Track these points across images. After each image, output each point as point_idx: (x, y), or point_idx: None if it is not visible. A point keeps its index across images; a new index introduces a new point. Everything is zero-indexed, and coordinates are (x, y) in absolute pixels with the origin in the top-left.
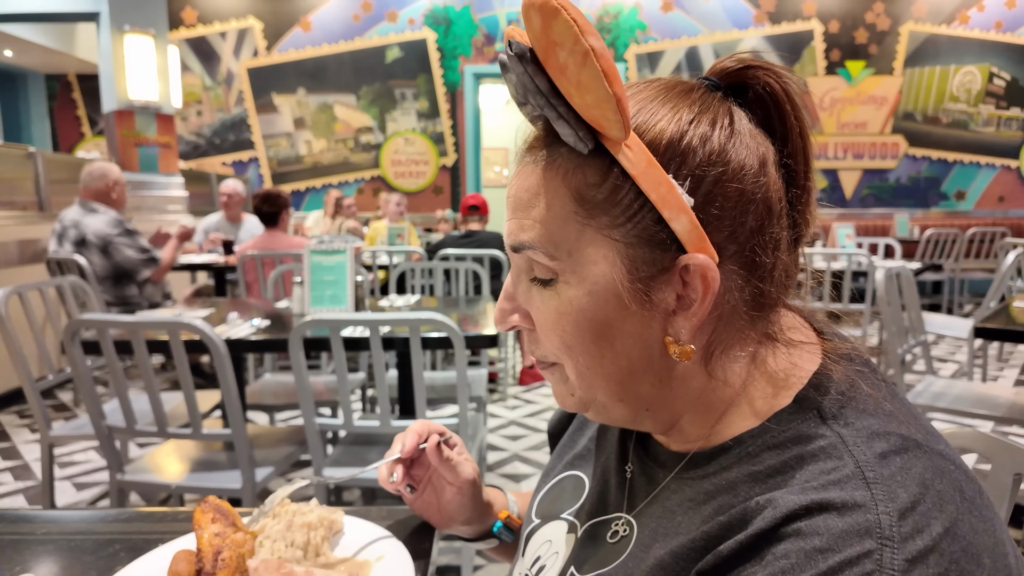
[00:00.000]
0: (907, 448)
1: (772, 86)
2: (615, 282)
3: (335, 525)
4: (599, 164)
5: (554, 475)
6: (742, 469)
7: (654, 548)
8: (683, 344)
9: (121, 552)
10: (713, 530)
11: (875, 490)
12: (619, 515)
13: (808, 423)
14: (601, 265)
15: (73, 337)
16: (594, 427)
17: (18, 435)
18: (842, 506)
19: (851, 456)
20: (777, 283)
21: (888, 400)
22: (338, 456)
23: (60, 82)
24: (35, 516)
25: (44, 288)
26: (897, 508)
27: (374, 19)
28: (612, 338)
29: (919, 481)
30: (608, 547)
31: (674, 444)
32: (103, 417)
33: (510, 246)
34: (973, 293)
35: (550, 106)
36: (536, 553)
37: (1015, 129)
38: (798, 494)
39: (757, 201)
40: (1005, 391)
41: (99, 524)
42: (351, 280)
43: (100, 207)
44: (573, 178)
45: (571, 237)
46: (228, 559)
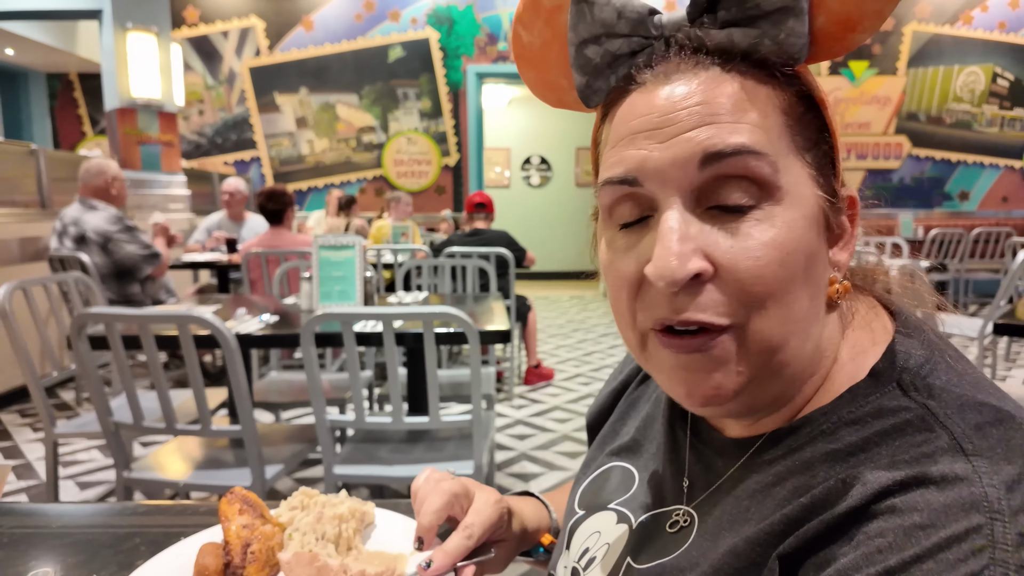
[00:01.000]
0: (1002, 420)
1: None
2: (818, 206)
3: (366, 517)
4: (794, 83)
5: (596, 466)
6: (816, 448)
7: (723, 536)
8: (843, 280)
9: (141, 546)
10: (794, 512)
11: (976, 462)
12: (678, 507)
13: (888, 396)
14: (809, 186)
15: (80, 331)
16: (639, 417)
17: (20, 434)
18: (941, 479)
19: (944, 428)
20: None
21: (969, 372)
22: (348, 453)
23: (61, 81)
24: (50, 510)
25: (48, 284)
26: (1003, 480)
27: (376, 18)
28: (812, 271)
29: (1022, 453)
30: (668, 536)
31: (736, 429)
32: (110, 413)
33: (707, 152)
34: (978, 293)
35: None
36: (584, 545)
37: (1019, 129)
38: (888, 469)
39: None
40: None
41: (116, 517)
42: (360, 275)
43: (100, 204)
44: (779, 92)
45: (783, 153)
46: (258, 552)
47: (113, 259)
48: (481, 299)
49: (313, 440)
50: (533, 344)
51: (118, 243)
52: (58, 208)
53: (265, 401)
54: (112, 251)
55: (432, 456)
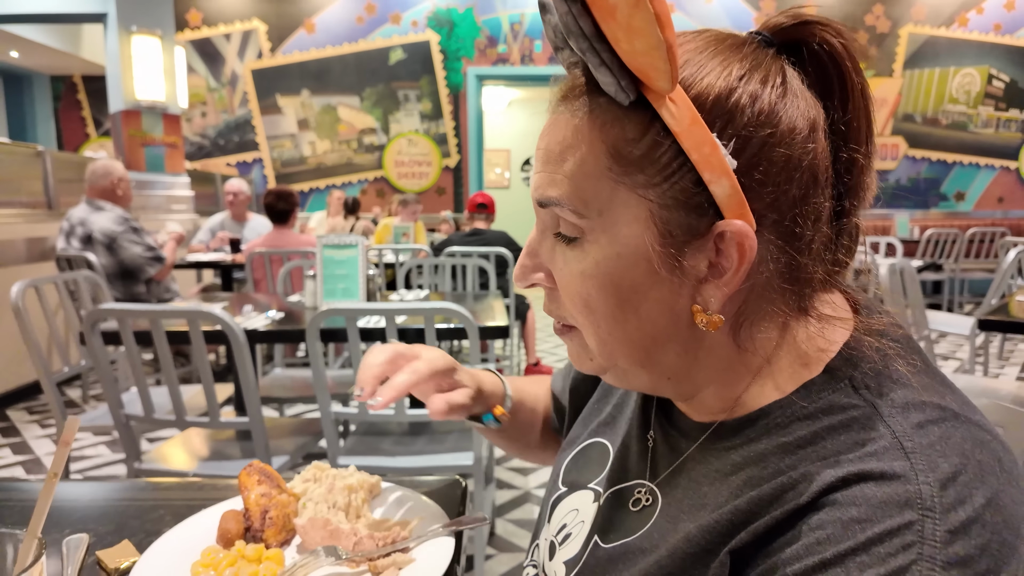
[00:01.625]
0: (945, 418)
1: (832, 43)
2: (646, 245)
3: (374, 489)
4: (639, 118)
5: (580, 442)
6: (771, 440)
7: (681, 520)
8: (711, 314)
9: (166, 516)
10: (744, 505)
11: (914, 460)
12: (641, 482)
13: (840, 393)
14: (633, 226)
15: (94, 326)
16: (617, 394)
17: (28, 430)
18: (880, 476)
19: (887, 426)
20: (815, 256)
21: (922, 372)
22: (352, 446)
23: (65, 83)
24: (78, 487)
25: (59, 282)
26: (938, 478)
27: (378, 21)
28: (638, 304)
29: (959, 451)
30: (632, 515)
31: (696, 414)
32: (121, 406)
33: (537, 200)
34: (973, 293)
35: (593, 51)
36: (562, 521)
37: (1014, 130)
38: (833, 467)
39: (803, 168)
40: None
41: (141, 492)
42: (363, 273)
43: (106, 205)
44: (610, 131)
45: (603, 195)
46: (275, 518)
47: (118, 259)
48: (481, 297)
49: (317, 433)
50: (532, 342)
51: (123, 244)
52: (64, 209)
53: (269, 396)
54: (117, 251)
55: (433, 448)
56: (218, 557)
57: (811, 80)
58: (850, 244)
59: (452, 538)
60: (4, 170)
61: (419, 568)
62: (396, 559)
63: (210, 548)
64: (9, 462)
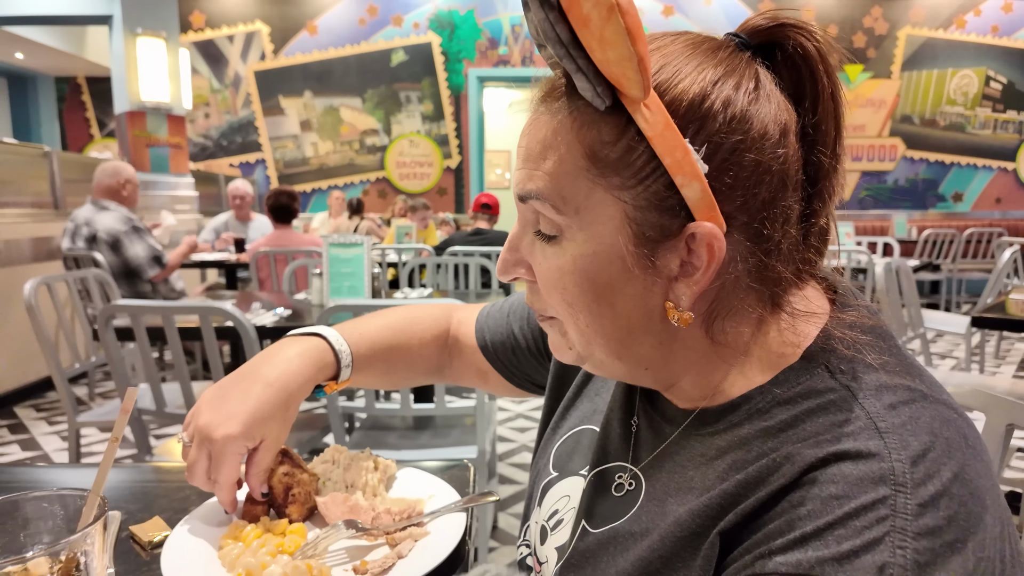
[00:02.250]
0: (914, 399)
1: (805, 46)
2: (620, 245)
3: (389, 469)
4: (615, 122)
5: (570, 428)
6: (753, 425)
7: (669, 504)
8: (682, 310)
9: (192, 496)
10: (731, 488)
11: (888, 439)
12: (623, 465)
13: (817, 378)
14: (607, 225)
15: (107, 323)
16: (601, 379)
17: (36, 427)
18: (857, 455)
19: (861, 408)
20: (785, 257)
21: (893, 357)
22: (358, 440)
23: (69, 84)
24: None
25: (70, 280)
26: (909, 456)
27: (379, 23)
28: (613, 299)
29: (928, 430)
30: (615, 500)
31: (679, 401)
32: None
33: (518, 195)
34: (970, 293)
35: (569, 57)
36: (553, 507)
37: (1011, 131)
38: (814, 448)
39: (773, 172)
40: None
41: (167, 475)
42: (368, 272)
43: (111, 205)
44: (587, 134)
45: (580, 194)
46: (298, 495)
47: (122, 259)
48: (483, 295)
49: (324, 427)
50: None
51: (126, 243)
52: (71, 209)
53: None
54: (120, 251)
55: (437, 442)
56: (245, 530)
57: (784, 83)
58: (819, 244)
59: (464, 514)
60: (11, 170)
61: (433, 541)
62: (412, 532)
63: (237, 522)
64: (18, 458)
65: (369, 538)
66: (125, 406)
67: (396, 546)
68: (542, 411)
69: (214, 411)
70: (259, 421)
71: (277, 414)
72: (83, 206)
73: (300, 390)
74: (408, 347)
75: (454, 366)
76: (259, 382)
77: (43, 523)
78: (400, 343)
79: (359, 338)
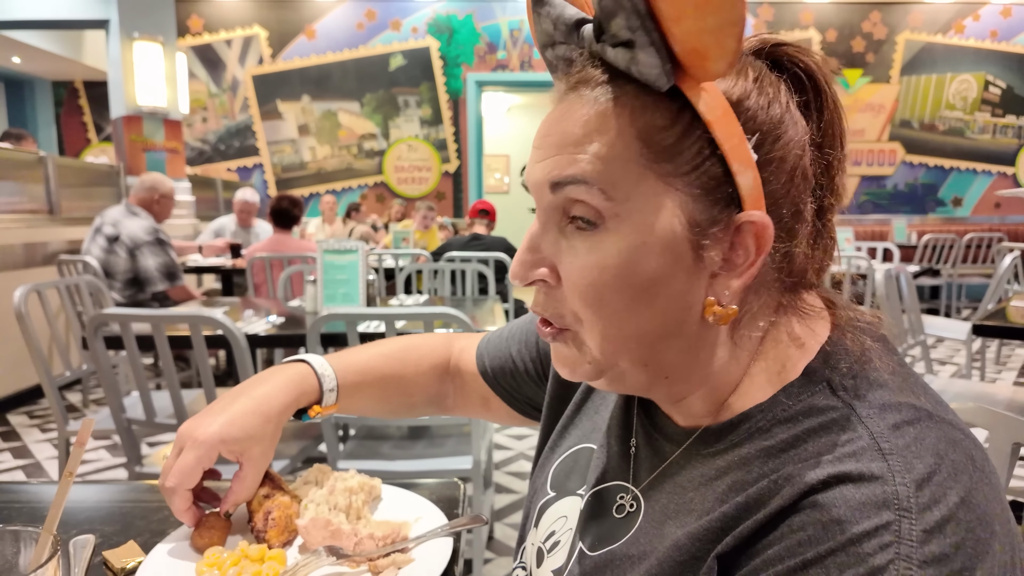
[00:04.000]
0: (919, 419)
1: (805, 61)
2: (672, 234)
3: (374, 490)
4: (668, 106)
5: (568, 446)
6: (754, 445)
7: (668, 526)
8: (726, 306)
9: (171, 517)
10: (731, 511)
11: (891, 461)
12: (624, 485)
13: (818, 395)
14: (658, 215)
15: (96, 331)
16: (597, 397)
17: (28, 435)
18: (859, 477)
19: (864, 428)
20: (803, 253)
21: (897, 372)
22: (352, 449)
23: (67, 89)
24: (84, 490)
25: (60, 287)
26: (914, 479)
27: (378, 28)
28: (653, 296)
29: (933, 451)
30: (615, 521)
31: (682, 419)
32: (123, 410)
33: (550, 182)
34: (970, 298)
35: (644, 30)
36: (551, 528)
37: (1011, 136)
38: (814, 468)
39: (798, 169)
40: (1004, 389)
41: (146, 494)
42: (363, 279)
43: (142, 212)
44: (640, 118)
45: (630, 180)
46: (278, 519)
47: (135, 266)
48: (480, 302)
49: (317, 437)
50: None
51: (145, 252)
52: (66, 214)
53: None
54: (137, 258)
55: (432, 452)
56: (222, 557)
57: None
58: (828, 244)
59: (451, 538)
60: (6, 175)
61: (418, 568)
62: (396, 559)
63: (214, 548)
64: (9, 466)
65: (351, 564)
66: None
67: (379, 573)
68: (540, 430)
69: (196, 418)
70: (237, 428)
71: (256, 431)
72: (116, 206)
73: (281, 412)
74: (403, 375)
75: (456, 395)
76: (241, 397)
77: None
78: (394, 371)
79: (347, 365)
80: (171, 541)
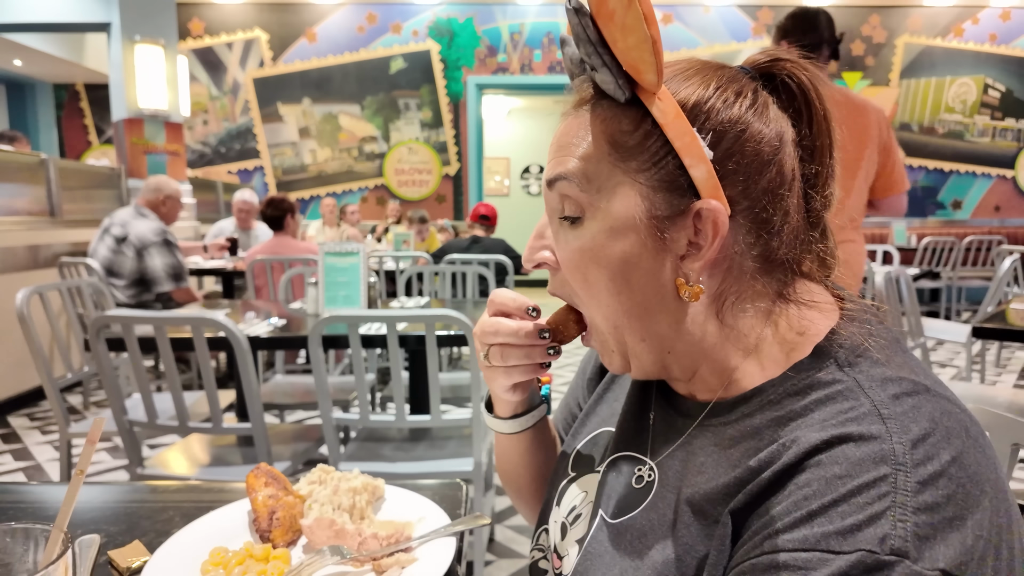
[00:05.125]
0: (917, 391)
1: (799, 76)
2: (635, 219)
3: (377, 491)
4: (634, 114)
5: (587, 432)
6: (765, 415)
7: (682, 490)
8: (692, 285)
9: (175, 517)
10: (743, 475)
11: (889, 424)
12: (640, 458)
13: (826, 371)
14: (625, 203)
15: (99, 333)
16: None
17: (29, 437)
18: (859, 437)
19: (867, 397)
20: (787, 244)
21: (899, 354)
22: (353, 451)
23: (68, 91)
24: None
25: (63, 289)
26: (909, 439)
27: (379, 31)
28: (629, 275)
29: (929, 418)
30: (633, 491)
31: (699, 392)
32: (125, 412)
33: (547, 180)
34: (970, 300)
35: (596, 53)
36: (572, 503)
37: (1010, 139)
38: (818, 431)
39: (772, 165)
40: (1004, 391)
41: (151, 495)
42: (364, 281)
43: (150, 214)
44: (610, 125)
45: (602, 175)
46: (282, 518)
47: (141, 266)
48: (481, 304)
49: (319, 439)
50: None
51: (152, 253)
52: (67, 216)
53: (270, 403)
54: (144, 258)
55: (433, 454)
56: (227, 556)
57: (784, 105)
58: (823, 240)
59: (454, 538)
60: (7, 177)
61: (421, 567)
62: (399, 559)
63: (219, 548)
64: (10, 468)
65: (355, 564)
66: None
67: (383, 573)
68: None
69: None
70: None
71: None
72: (125, 208)
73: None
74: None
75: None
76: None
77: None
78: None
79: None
80: (176, 541)
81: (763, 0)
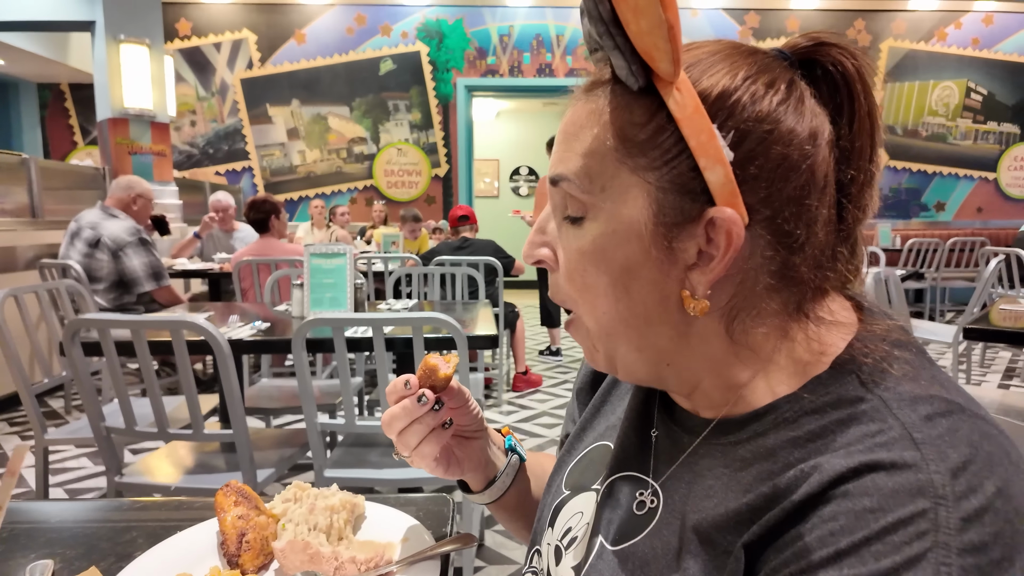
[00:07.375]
0: (951, 411)
1: (844, 64)
2: (640, 223)
3: (357, 508)
4: (647, 104)
5: (584, 447)
6: (780, 435)
7: (688, 515)
8: (698, 298)
9: (139, 539)
10: (757, 502)
11: (924, 450)
12: (642, 479)
13: (847, 387)
14: (630, 205)
15: (73, 337)
16: (617, 394)
17: (8, 442)
18: (891, 465)
19: (896, 419)
20: (810, 260)
21: (928, 369)
22: (339, 457)
23: (52, 91)
24: (46, 507)
25: (40, 292)
26: (948, 467)
27: (368, 32)
28: (629, 282)
29: (967, 442)
30: (635, 517)
31: (702, 408)
32: (102, 419)
33: (550, 178)
34: (954, 301)
35: (608, 34)
36: (567, 525)
37: (992, 142)
38: (844, 457)
39: (801, 171)
40: (991, 392)
41: (113, 513)
42: (351, 283)
43: (120, 214)
44: (620, 115)
45: (607, 173)
46: (253, 541)
47: (119, 268)
48: (469, 306)
49: (304, 445)
50: (521, 351)
51: (129, 254)
52: (49, 217)
53: (256, 407)
54: (121, 260)
55: None
56: None
57: (824, 98)
58: (852, 256)
59: (437, 562)
60: None
61: None
62: None
63: (182, 575)
64: None
65: None
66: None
67: None
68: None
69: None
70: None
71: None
72: (91, 209)
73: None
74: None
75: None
76: None
77: None
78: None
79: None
80: (135, 567)
81: (750, 4)
